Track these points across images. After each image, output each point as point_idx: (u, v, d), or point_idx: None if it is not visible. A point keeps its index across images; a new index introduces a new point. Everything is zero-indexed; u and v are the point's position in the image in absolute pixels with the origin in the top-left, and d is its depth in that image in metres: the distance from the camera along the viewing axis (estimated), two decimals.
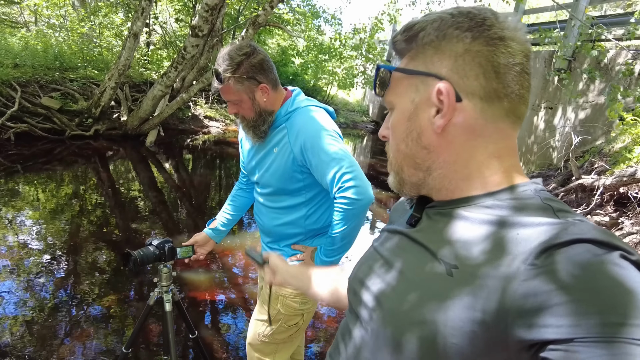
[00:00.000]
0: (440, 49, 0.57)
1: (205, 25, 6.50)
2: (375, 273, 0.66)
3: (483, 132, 0.57)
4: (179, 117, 9.56)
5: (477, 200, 0.57)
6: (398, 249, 0.65)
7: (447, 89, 0.56)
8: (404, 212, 0.72)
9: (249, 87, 1.42)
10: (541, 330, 0.42)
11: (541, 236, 0.47)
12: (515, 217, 0.52)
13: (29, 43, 8.88)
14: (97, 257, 3.48)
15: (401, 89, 0.62)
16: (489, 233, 0.52)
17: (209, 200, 5.72)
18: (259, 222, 1.70)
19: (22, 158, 6.11)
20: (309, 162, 1.43)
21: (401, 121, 0.62)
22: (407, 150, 0.62)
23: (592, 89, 6.18)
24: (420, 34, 0.58)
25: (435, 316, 0.51)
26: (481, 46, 0.55)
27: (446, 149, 0.59)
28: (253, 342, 1.69)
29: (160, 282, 1.67)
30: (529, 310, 0.43)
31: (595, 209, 4.55)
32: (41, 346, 2.31)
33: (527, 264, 0.45)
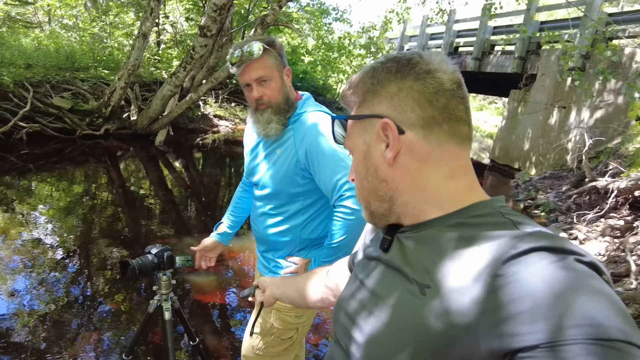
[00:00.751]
0: (378, 92, 0.64)
1: (214, 25, 6.50)
2: (355, 299, 0.69)
3: (431, 156, 0.61)
4: (188, 116, 9.62)
5: (442, 221, 0.60)
6: (376, 273, 0.68)
7: (389, 125, 0.61)
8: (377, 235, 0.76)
9: (280, 65, 1.41)
10: (509, 339, 0.43)
11: (501, 248, 0.49)
12: (478, 233, 0.55)
13: (41, 43, 9.00)
14: (106, 257, 3.50)
15: (354, 134, 0.69)
16: (455, 251, 0.55)
17: (218, 200, 5.73)
18: (254, 230, 1.66)
19: (34, 157, 6.20)
20: (312, 167, 1.40)
21: (359, 161, 0.68)
22: (369, 185, 0.67)
23: (608, 89, 6.04)
24: (359, 84, 0.66)
25: (414, 336, 0.54)
26: (411, 82, 0.61)
27: (402, 177, 0.63)
28: (247, 355, 1.66)
29: (159, 290, 1.66)
30: (497, 320, 0.45)
31: (609, 212, 4.44)
32: (37, 351, 2.32)
33: (491, 276, 0.48)
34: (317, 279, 1.02)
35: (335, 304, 0.76)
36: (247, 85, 1.41)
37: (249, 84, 1.40)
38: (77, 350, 2.35)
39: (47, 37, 9.73)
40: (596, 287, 0.43)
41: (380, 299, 0.62)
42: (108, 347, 2.42)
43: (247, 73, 1.38)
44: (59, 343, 2.39)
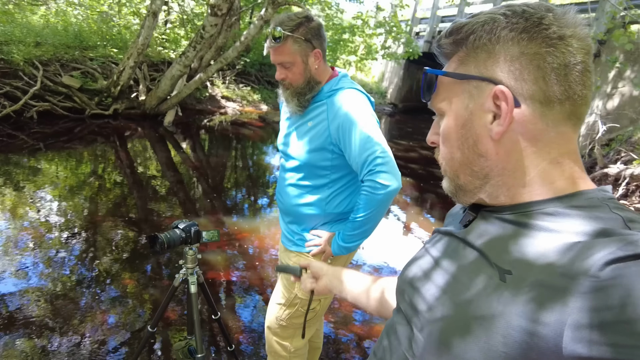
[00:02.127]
0: (494, 52, 0.54)
1: (224, 4, 6.43)
2: (425, 274, 0.64)
3: (544, 137, 0.54)
4: (196, 97, 9.58)
5: (538, 206, 0.54)
6: (450, 250, 0.63)
7: (505, 94, 0.53)
8: (458, 215, 0.70)
9: (304, 50, 1.43)
10: (603, 348, 0.39)
11: (607, 248, 0.43)
12: (579, 227, 0.48)
13: (49, 21, 8.93)
14: (117, 235, 3.55)
15: (452, 94, 0.59)
16: (548, 241, 0.49)
17: (225, 181, 5.76)
18: (279, 201, 1.69)
19: (45, 136, 6.22)
20: (343, 142, 1.43)
21: (454, 128, 0.59)
22: (463, 158, 0.59)
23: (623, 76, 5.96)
24: (471, 37, 0.56)
25: (484, 322, 0.49)
26: (539, 48, 0.52)
27: (505, 156, 0.56)
28: (271, 326, 1.71)
29: (185, 264, 1.69)
30: (590, 325, 0.40)
31: (621, 199, 4.44)
32: (65, 320, 2.38)
33: (589, 275, 0.42)
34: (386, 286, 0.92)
35: (400, 273, 0.72)
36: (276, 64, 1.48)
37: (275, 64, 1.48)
38: (102, 322, 2.41)
39: (55, 14, 9.64)
40: None
41: (454, 277, 0.58)
42: (133, 319, 2.48)
43: (272, 55, 1.45)
44: (81, 316, 2.45)
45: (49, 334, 2.27)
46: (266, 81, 12.01)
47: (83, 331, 2.32)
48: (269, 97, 11.46)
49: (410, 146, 9.50)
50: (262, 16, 7.15)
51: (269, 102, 11.30)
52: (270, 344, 1.75)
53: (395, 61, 12.77)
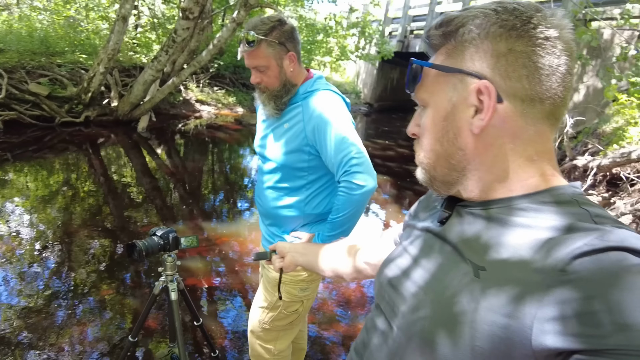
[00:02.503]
0: (482, 47, 0.54)
1: (196, 7, 6.36)
2: (402, 271, 0.66)
3: (522, 134, 0.55)
4: (170, 101, 9.43)
5: (512, 202, 0.55)
6: (427, 247, 0.64)
7: (489, 89, 0.53)
8: (432, 209, 0.71)
9: (278, 53, 1.43)
10: (569, 338, 0.40)
11: (575, 242, 0.45)
12: (550, 222, 0.50)
13: (12, 27, 8.63)
14: (93, 245, 3.47)
15: (436, 86, 0.59)
16: (521, 237, 0.51)
17: (203, 186, 5.69)
18: (258, 204, 1.69)
19: (12, 146, 6.01)
20: (319, 144, 1.44)
21: (436, 120, 0.59)
22: (442, 150, 0.59)
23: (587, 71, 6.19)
24: (460, 30, 0.56)
25: (460, 317, 0.51)
26: (526, 46, 0.52)
27: (483, 150, 0.56)
28: (254, 329, 1.71)
29: (165, 272, 1.67)
30: (557, 317, 0.42)
31: (589, 189, 4.61)
32: (42, 335, 2.31)
33: (557, 270, 0.44)
34: (350, 252, 0.99)
35: (378, 271, 0.74)
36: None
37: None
38: (78, 335, 2.35)
39: (18, 20, 9.32)
40: None
41: (430, 273, 0.59)
42: (113, 331, 2.43)
43: (246, 59, 1.45)
44: (59, 328, 2.38)
45: (24, 351, 2.20)
46: (241, 83, 11.93)
47: (61, 346, 2.25)
48: (244, 99, 11.38)
49: (387, 145, 9.60)
50: (235, 19, 7.11)
51: (244, 104, 11.23)
52: (253, 348, 1.75)
53: (369, 61, 12.89)
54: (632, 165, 4.28)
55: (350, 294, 3.11)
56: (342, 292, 3.14)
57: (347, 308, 2.94)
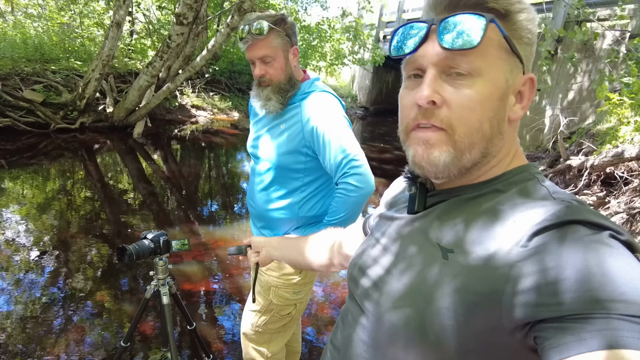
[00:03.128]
0: (531, 42, 0.57)
1: (190, 12, 6.37)
2: (373, 260, 0.67)
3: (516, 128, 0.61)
4: (165, 107, 9.43)
5: (479, 187, 0.58)
6: (396, 235, 0.65)
7: (534, 83, 0.57)
8: (401, 197, 0.73)
9: (285, 45, 1.43)
10: (532, 309, 0.43)
11: (534, 219, 0.48)
12: (511, 201, 0.53)
13: (6, 34, 8.62)
14: (88, 251, 3.45)
15: (496, 60, 0.54)
16: (485, 217, 0.53)
17: (199, 191, 5.68)
18: (250, 206, 1.68)
19: (7, 153, 5.98)
20: (317, 145, 1.43)
21: (492, 98, 0.54)
22: (489, 132, 0.55)
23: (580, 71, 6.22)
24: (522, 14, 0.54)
25: (431, 299, 0.52)
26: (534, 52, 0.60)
27: (509, 138, 0.59)
28: (247, 332, 1.70)
29: (156, 275, 1.66)
30: (520, 290, 0.44)
31: (583, 189, 4.62)
32: (35, 342, 2.29)
33: (519, 245, 0.47)
34: (325, 243, 1.01)
35: (350, 262, 0.75)
36: (252, 62, 1.44)
37: (253, 61, 1.43)
38: (71, 340, 2.33)
39: (12, 27, 9.31)
40: (628, 264, 0.42)
41: (401, 260, 0.61)
42: (103, 336, 2.41)
43: (252, 51, 1.41)
44: (52, 334, 2.37)
45: (17, 355, 2.18)
46: (237, 88, 11.93)
47: (54, 351, 2.24)
48: (240, 104, 11.39)
49: (383, 148, 9.61)
50: (229, 24, 7.12)
51: (240, 109, 11.23)
52: (246, 351, 1.74)
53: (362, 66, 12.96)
54: (625, 164, 4.30)
55: (343, 295, 3.10)
56: (337, 294, 3.13)
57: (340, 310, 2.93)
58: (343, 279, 3.35)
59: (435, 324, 0.51)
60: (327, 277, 3.34)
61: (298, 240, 1.10)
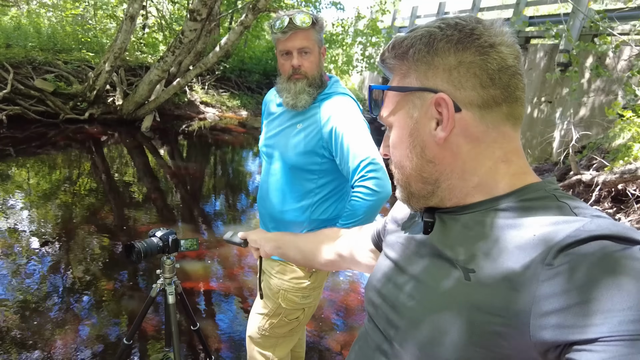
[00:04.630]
0: (433, 63, 0.57)
1: (204, 9, 6.37)
2: (392, 283, 0.65)
3: (486, 138, 0.57)
4: (174, 102, 9.44)
5: (491, 204, 0.56)
6: (414, 256, 0.64)
7: (446, 101, 0.55)
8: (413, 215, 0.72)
9: (320, 42, 1.45)
10: (564, 331, 0.41)
11: (558, 235, 0.46)
12: (531, 218, 0.51)
13: (21, 23, 8.66)
14: (92, 244, 3.44)
15: (398, 106, 0.62)
16: (505, 236, 0.52)
17: (205, 188, 5.67)
18: (262, 206, 1.64)
19: (15, 141, 6.00)
20: (335, 147, 1.41)
21: (402, 138, 0.61)
22: (412, 165, 0.61)
23: (593, 85, 6.17)
24: (410, 50, 0.58)
25: (456, 322, 0.51)
26: (473, 56, 0.55)
27: (452, 159, 0.58)
28: (253, 336, 1.67)
29: (163, 274, 1.64)
30: (550, 311, 0.43)
31: (593, 205, 4.57)
32: (37, 336, 2.27)
33: (544, 264, 0.45)
34: (326, 242, 1.02)
35: (367, 284, 0.73)
36: (287, 53, 1.43)
37: (289, 51, 1.42)
38: (74, 335, 2.31)
39: (27, 16, 9.36)
40: None
41: (421, 283, 0.59)
42: (108, 332, 2.39)
43: (291, 41, 1.40)
44: (55, 328, 2.35)
45: (19, 350, 2.16)
46: (246, 87, 11.94)
47: (56, 345, 2.22)
48: (248, 103, 11.39)
49: None
50: (242, 22, 7.12)
51: (248, 107, 11.23)
52: (251, 354, 1.71)
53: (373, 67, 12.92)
54: (638, 182, 4.24)
55: (348, 301, 3.07)
56: (341, 299, 3.10)
57: (345, 316, 2.90)
58: (346, 283, 3.32)
59: (463, 350, 0.50)
60: (330, 281, 3.31)
61: (297, 237, 1.12)
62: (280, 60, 1.46)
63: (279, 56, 1.46)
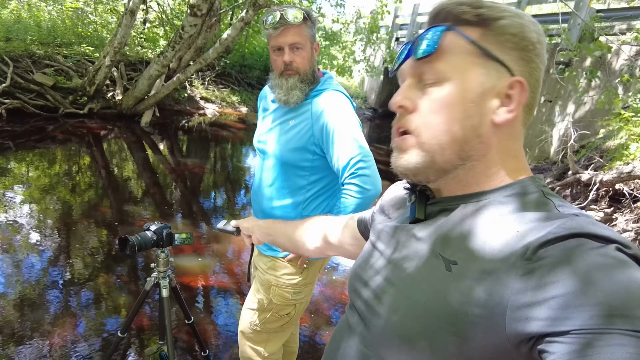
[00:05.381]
0: (519, 47, 0.55)
1: (204, 4, 6.36)
2: (374, 270, 0.66)
3: (515, 136, 0.59)
4: (174, 97, 9.43)
5: (480, 196, 0.57)
6: (399, 245, 0.64)
7: (524, 87, 0.56)
8: (402, 206, 0.72)
9: (312, 37, 1.44)
10: (538, 323, 0.43)
11: (539, 232, 0.47)
12: (515, 213, 0.52)
13: (21, 16, 8.65)
14: (89, 238, 3.45)
15: (468, 65, 0.56)
16: (490, 229, 0.53)
17: (203, 183, 5.68)
18: (255, 202, 1.66)
19: (14, 135, 6.01)
20: (326, 144, 1.41)
21: (461, 100, 0.55)
22: (460, 134, 0.56)
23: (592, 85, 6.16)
24: (502, 21, 0.55)
25: (435, 312, 0.52)
26: (540, 63, 0.57)
27: (494, 144, 0.57)
28: (245, 331, 1.68)
29: (157, 268, 1.65)
30: (525, 304, 0.44)
31: (590, 204, 4.57)
32: (31, 327, 2.29)
33: (524, 259, 0.46)
34: (314, 230, 1.02)
35: (351, 270, 0.74)
36: (279, 49, 1.42)
37: (281, 47, 1.41)
38: (68, 328, 2.33)
39: (27, 9, 9.34)
40: (635, 278, 0.41)
41: (402, 270, 0.60)
42: (102, 325, 2.41)
43: (283, 36, 1.39)
44: (49, 320, 2.36)
45: (13, 341, 2.18)
46: (246, 83, 11.92)
47: (50, 337, 2.23)
48: (249, 99, 11.37)
49: (390, 150, 9.56)
50: (243, 18, 7.11)
51: (248, 104, 11.21)
52: (243, 349, 1.72)
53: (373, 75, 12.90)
54: (635, 181, 4.24)
55: (342, 296, 3.08)
56: (335, 294, 3.11)
57: (339, 311, 2.92)
58: (339, 277, 3.33)
59: (437, 337, 0.51)
60: (324, 276, 3.32)
61: (287, 225, 1.13)
62: (272, 55, 1.46)
63: (271, 52, 1.45)
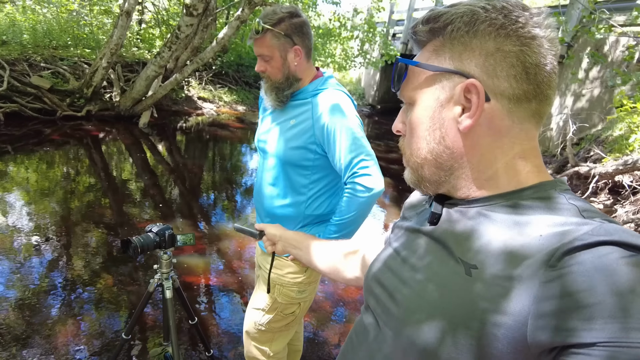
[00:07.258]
0: (471, 45, 0.54)
1: (200, 4, 6.33)
2: (392, 272, 0.65)
3: (509, 133, 0.55)
4: (172, 98, 9.41)
5: (500, 199, 0.55)
6: (417, 247, 0.63)
7: (477, 88, 0.53)
8: (421, 208, 0.71)
9: (283, 45, 1.42)
10: (562, 333, 0.41)
11: (564, 238, 0.45)
12: (538, 218, 0.50)
13: (16, 19, 8.61)
14: (90, 240, 3.44)
15: (422, 84, 0.58)
16: (511, 234, 0.51)
17: (203, 183, 5.67)
18: (257, 201, 1.66)
19: (12, 139, 5.99)
20: (328, 143, 1.41)
21: (423, 118, 0.58)
22: (429, 149, 0.59)
23: (590, 77, 6.16)
24: (449, 27, 0.55)
25: (453, 316, 0.51)
26: (513, 45, 0.52)
27: (470, 149, 0.56)
28: (249, 330, 1.68)
29: (160, 269, 1.65)
30: (549, 313, 0.42)
31: (590, 196, 4.58)
32: (35, 330, 2.29)
33: (548, 265, 0.44)
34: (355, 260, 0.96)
35: (366, 272, 0.73)
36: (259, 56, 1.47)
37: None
38: (72, 331, 2.33)
39: (22, 12, 9.31)
40: None
41: (421, 273, 0.59)
42: (106, 327, 2.41)
43: (255, 47, 1.45)
44: (52, 323, 2.36)
45: (17, 345, 2.18)
46: (244, 82, 11.89)
47: (54, 340, 2.23)
48: (246, 98, 11.35)
49: (389, 147, 9.57)
50: (239, 16, 7.08)
51: (246, 103, 11.19)
52: (248, 349, 1.72)
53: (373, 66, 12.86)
54: (634, 173, 4.25)
55: (347, 294, 3.08)
56: (339, 292, 3.11)
57: (343, 309, 2.92)
58: None
59: (457, 343, 0.49)
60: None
61: (317, 244, 1.05)
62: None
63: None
